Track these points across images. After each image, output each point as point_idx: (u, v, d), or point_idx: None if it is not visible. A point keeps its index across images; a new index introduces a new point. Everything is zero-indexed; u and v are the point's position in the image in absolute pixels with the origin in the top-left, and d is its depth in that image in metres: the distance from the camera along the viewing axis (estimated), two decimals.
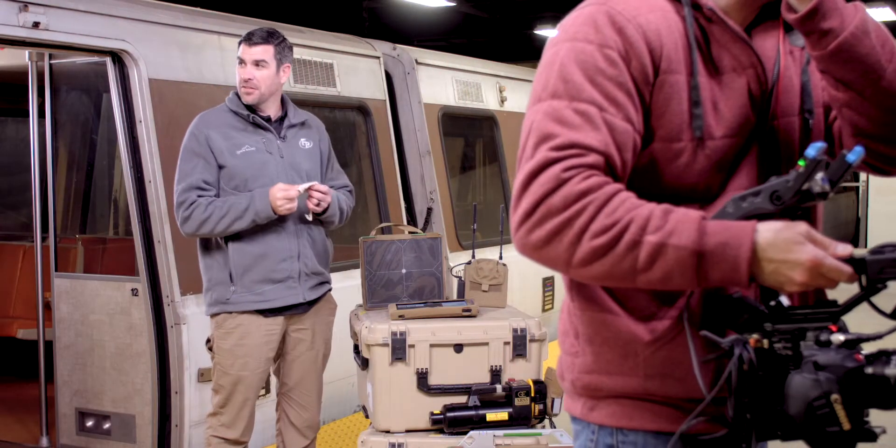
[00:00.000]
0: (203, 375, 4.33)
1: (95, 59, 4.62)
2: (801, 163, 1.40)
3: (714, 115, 1.56)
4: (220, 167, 3.58)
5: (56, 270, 4.94)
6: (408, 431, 3.54)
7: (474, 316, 3.68)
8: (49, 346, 4.91)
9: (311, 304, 3.75)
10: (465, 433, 3.43)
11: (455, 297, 4.09)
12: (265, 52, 3.63)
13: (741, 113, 1.58)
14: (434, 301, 3.80)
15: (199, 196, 3.53)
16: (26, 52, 4.90)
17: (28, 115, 5.11)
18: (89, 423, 4.74)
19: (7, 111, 7.11)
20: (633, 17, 1.54)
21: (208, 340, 3.73)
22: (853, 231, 17.66)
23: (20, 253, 6.49)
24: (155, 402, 4.37)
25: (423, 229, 6.14)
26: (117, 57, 4.31)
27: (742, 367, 1.39)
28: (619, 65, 1.51)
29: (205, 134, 3.58)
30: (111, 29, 4.25)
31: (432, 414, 3.51)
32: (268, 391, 4.17)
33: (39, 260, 5.02)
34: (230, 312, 3.61)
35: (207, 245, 3.66)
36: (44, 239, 5.11)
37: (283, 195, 3.51)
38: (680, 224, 1.41)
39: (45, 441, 4.97)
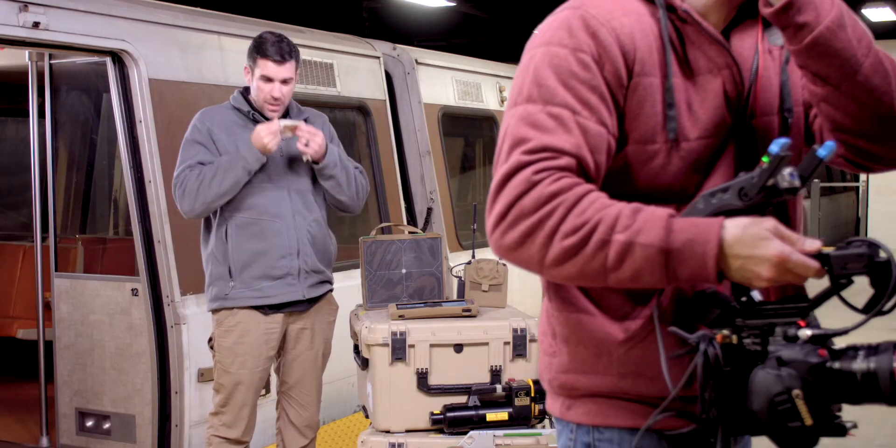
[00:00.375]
0: (203, 375, 4.33)
1: (95, 59, 4.62)
2: (764, 159, 1.41)
3: (689, 117, 1.57)
4: None
5: (56, 270, 4.94)
6: (408, 431, 3.54)
7: (474, 316, 3.68)
8: (49, 346, 4.91)
9: (312, 302, 3.75)
10: (465, 433, 3.43)
11: (455, 297, 4.09)
12: (291, 68, 3.62)
13: (716, 114, 1.58)
14: (434, 301, 3.81)
15: (189, 170, 3.53)
16: (26, 52, 4.90)
17: (28, 115, 5.11)
18: (89, 423, 4.74)
19: (7, 111, 7.11)
20: (607, 21, 1.55)
21: (210, 339, 3.73)
22: (853, 231, 17.67)
23: (20, 253, 6.49)
24: (155, 402, 4.37)
25: (423, 229, 6.14)
26: (117, 57, 4.31)
27: (707, 363, 1.40)
28: (592, 68, 1.53)
29: (207, 126, 3.59)
30: (111, 29, 4.25)
31: (432, 414, 3.51)
32: (268, 391, 4.17)
33: (39, 260, 5.02)
34: (229, 308, 3.62)
35: (207, 241, 3.66)
36: (44, 239, 5.11)
37: (266, 130, 3.50)
38: (647, 222, 1.42)
39: (45, 441, 4.97)
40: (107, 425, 4.66)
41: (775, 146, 1.39)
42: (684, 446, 1.56)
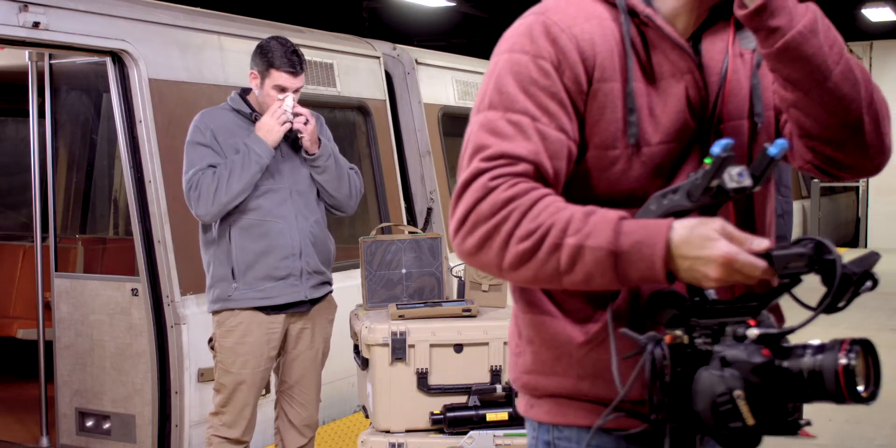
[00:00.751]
0: (203, 375, 4.33)
1: (95, 59, 4.62)
2: (707, 161, 1.41)
3: (650, 122, 1.57)
4: None
5: (56, 270, 4.94)
6: (408, 431, 3.54)
7: (474, 316, 3.68)
8: (49, 346, 4.91)
9: (314, 303, 3.75)
10: (465, 433, 3.43)
11: (455, 297, 4.09)
12: (302, 78, 3.65)
13: (678, 118, 1.58)
14: (434, 301, 3.81)
15: (203, 173, 3.53)
16: (26, 52, 4.90)
17: (28, 115, 5.11)
18: (89, 423, 4.74)
19: (7, 111, 7.12)
20: (568, 27, 1.56)
21: (210, 339, 3.73)
22: (853, 231, 17.67)
23: (20, 253, 6.49)
24: (155, 402, 4.37)
25: (423, 229, 6.14)
26: (117, 57, 4.31)
27: (654, 364, 1.40)
28: (552, 75, 1.54)
29: (210, 129, 3.58)
30: (111, 29, 4.25)
31: (432, 414, 3.51)
32: (268, 391, 4.17)
33: (39, 260, 5.02)
34: (232, 309, 3.62)
35: (208, 242, 3.66)
36: (44, 239, 5.11)
37: (270, 115, 3.53)
38: (597, 225, 1.43)
39: (45, 441, 4.97)
40: (107, 425, 4.66)
41: (717, 147, 1.39)
42: (643, 445, 1.56)
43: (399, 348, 3.52)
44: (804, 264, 1.36)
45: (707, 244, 1.37)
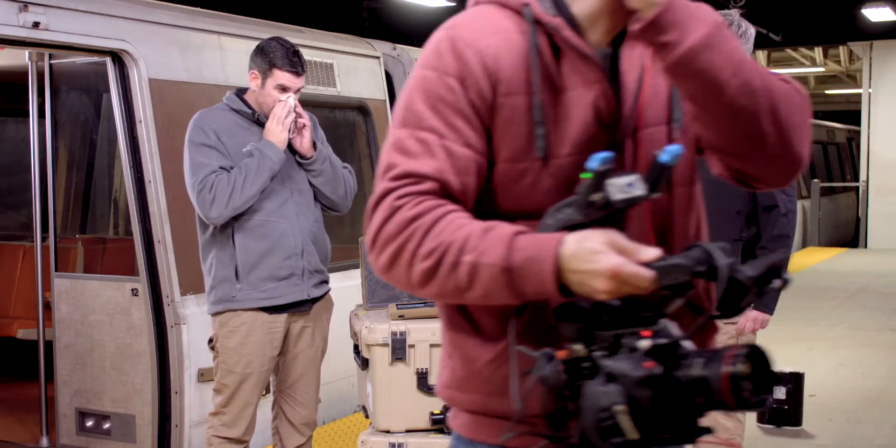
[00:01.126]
0: (203, 375, 4.33)
1: (95, 59, 4.62)
2: (585, 175, 1.40)
3: (557, 134, 1.55)
4: None
5: (56, 270, 4.94)
6: (408, 431, 3.54)
7: None
8: (49, 346, 4.91)
9: (315, 301, 3.76)
10: None
11: None
12: (304, 78, 3.67)
13: (586, 130, 1.56)
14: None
15: (217, 176, 3.54)
16: (26, 52, 4.91)
17: (28, 115, 5.11)
18: (89, 423, 4.74)
19: (7, 111, 7.12)
20: (473, 42, 1.56)
21: (210, 340, 3.73)
22: (853, 231, 17.67)
23: (20, 253, 6.49)
24: (155, 402, 4.37)
25: None
26: (117, 57, 4.31)
27: (545, 380, 1.38)
28: (457, 92, 1.54)
29: (213, 130, 3.58)
30: (111, 29, 4.25)
31: (432, 414, 3.51)
32: (268, 391, 4.18)
33: (39, 260, 5.02)
34: (235, 310, 3.62)
35: (209, 243, 3.66)
36: (44, 239, 5.12)
37: (276, 121, 3.55)
38: (491, 242, 1.44)
39: (45, 441, 4.97)
40: (107, 425, 4.66)
41: (593, 162, 1.39)
42: None
43: (399, 348, 3.52)
44: (683, 274, 1.34)
45: (594, 257, 1.37)
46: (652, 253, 1.37)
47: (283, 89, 3.60)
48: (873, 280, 11.59)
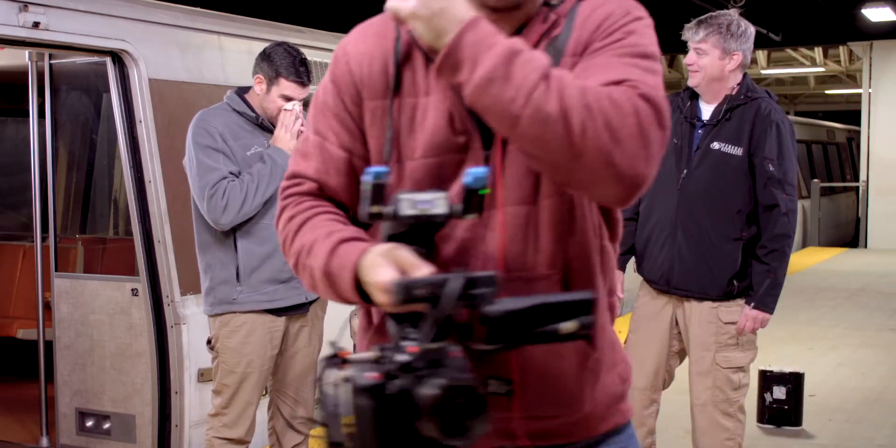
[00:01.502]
0: (203, 375, 4.33)
1: (95, 59, 4.62)
2: (364, 187, 1.41)
3: (410, 137, 1.59)
4: None
5: (56, 270, 4.94)
6: None
7: None
8: (49, 346, 4.91)
9: (312, 303, 3.76)
10: None
11: None
12: (309, 89, 3.67)
13: (438, 134, 1.57)
14: None
15: (229, 182, 3.54)
16: (26, 52, 4.91)
17: (28, 115, 5.11)
18: (89, 423, 4.74)
19: (7, 111, 7.11)
20: (349, 48, 1.65)
21: (209, 341, 3.73)
22: (853, 231, 17.67)
23: (20, 253, 6.49)
24: (155, 402, 4.37)
25: None
26: (117, 57, 4.31)
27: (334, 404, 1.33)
28: (335, 96, 1.64)
29: (219, 132, 3.58)
30: (111, 29, 4.25)
31: None
32: (266, 392, 4.18)
33: (39, 260, 5.02)
34: (234, 312, 3.62)
35: (209, 244, 3.66)
36: (44, 239, 5.12)
37: (284, 130, 3.59)
38: (322, 247, 1.52)
39: (45, 441, 4.97)
40: (107, 425, 4.66)
41: (367, 175, 1.41)
42: None
43: None
44: (425, 292, 1.31)
45: (372, 270, 1.41)
46: (422, 270, 1.37)
47: (288, 99, 3.62)
48: (873, 280, 11.60)
